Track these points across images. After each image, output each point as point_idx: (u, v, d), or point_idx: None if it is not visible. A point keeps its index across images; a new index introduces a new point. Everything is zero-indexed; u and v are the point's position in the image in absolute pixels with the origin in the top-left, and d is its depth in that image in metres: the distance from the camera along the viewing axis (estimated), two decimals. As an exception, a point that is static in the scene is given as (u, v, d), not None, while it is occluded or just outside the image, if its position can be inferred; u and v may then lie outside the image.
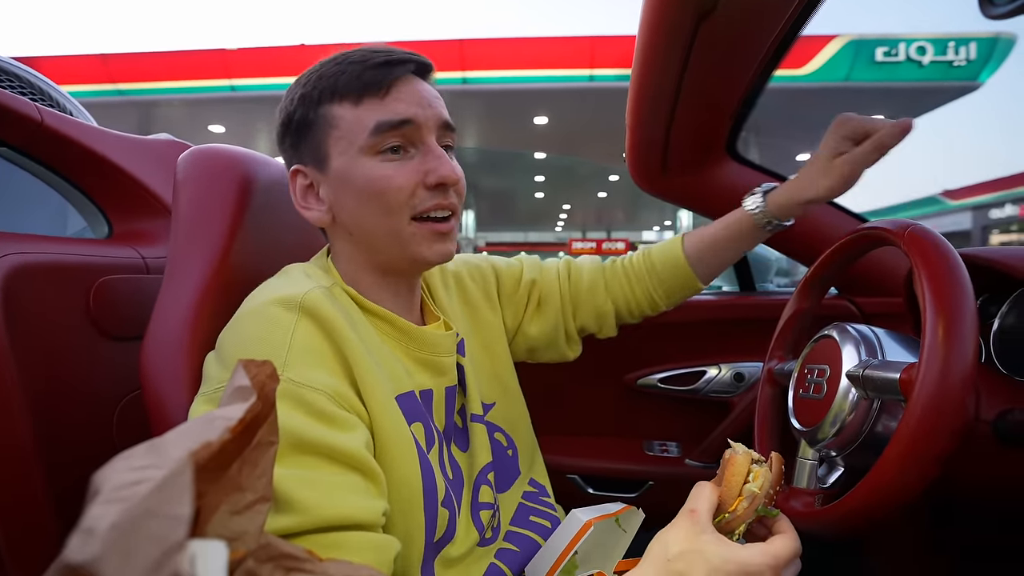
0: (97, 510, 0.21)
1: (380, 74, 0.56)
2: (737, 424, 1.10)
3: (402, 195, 0.57)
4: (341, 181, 0.58)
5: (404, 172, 0.57)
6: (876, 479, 0.52)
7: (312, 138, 0.59)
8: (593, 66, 8.93)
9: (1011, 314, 0.70)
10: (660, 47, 0.69)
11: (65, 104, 1.14)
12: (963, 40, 8.67)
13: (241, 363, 0.34)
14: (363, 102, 0.56)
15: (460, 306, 0.77)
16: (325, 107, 0.57)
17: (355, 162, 0.57)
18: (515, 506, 0.73)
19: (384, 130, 0.56)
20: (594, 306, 0.85)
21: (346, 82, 0.56)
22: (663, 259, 0.84)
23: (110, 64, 9.21)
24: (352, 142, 0.57)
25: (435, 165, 0.57)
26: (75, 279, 0.72)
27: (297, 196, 0.61)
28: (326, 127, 0.57)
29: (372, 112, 0.56)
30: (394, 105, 0.56)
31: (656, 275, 0.84)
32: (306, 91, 0.58)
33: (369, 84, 0.56)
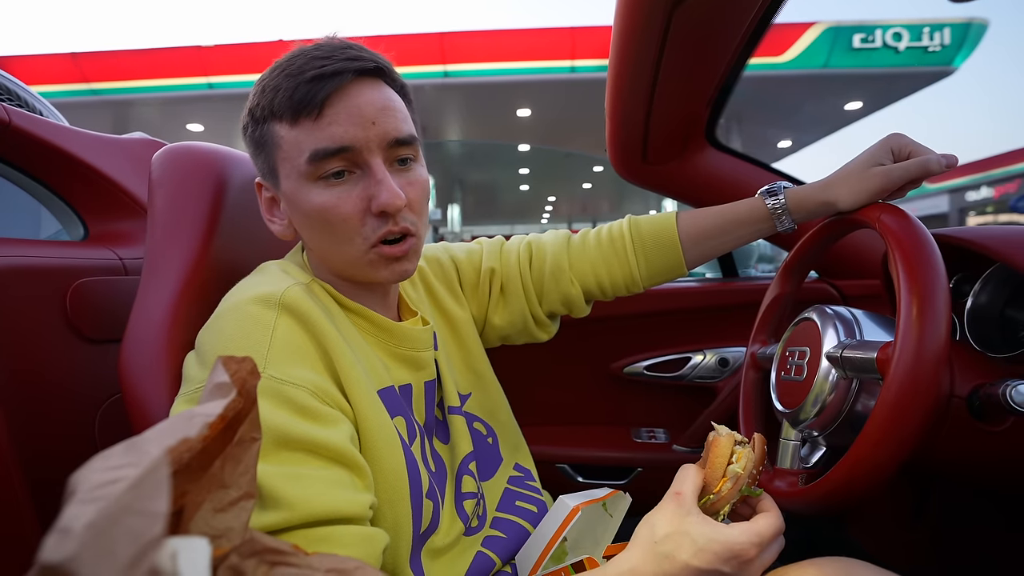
0: (73, 510, 0.21)
1: (312, 91, 0.51)
2: (722, 408, 1.11)
3: (350, 224, 0.54)
4: (291, 203, 0.57)
5: (349, 200, 0.53)
6: (856, 456, 0.53)
7: (265, 155, 0.57)
8: (574, 57, 8.91)
9: (983, 293, 0.72)
10: (635, 35, 0.69)
11: (34, 104, 1.11)
12: (937, 26, 8.79)
13: (221, 360, 0.34)
14: (298, 123, 0.52)
15: (428, 301, 0.76)
16: (268, 125, 0.54)
17: (299, 187, 0.54)
18: (500, 492, 0.74)
19: (321, 157, 0.52)
20: (559, 291, 0.80)
21: (281, 101, 0.52)
22: (654, 235, 0.78)
23: (82, 63, 8.99)
24: (294, 166, 0.53)
25: (376, 191, 0.53)
26: (51, 282, 0.71)
27: (263, 209, 0.61)
28: (272, 146, 0.55)
29: (308, 136, 0.52)
30: (330, 129, 0.52)
31: (644, 251, 0.78)
32: (252, 105, 0.55)
33: (301, 104, 0.51)
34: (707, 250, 0.78)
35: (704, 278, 1.40)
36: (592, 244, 0.80)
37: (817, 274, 1.17)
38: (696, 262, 0.80)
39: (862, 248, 1.06)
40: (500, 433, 0.78)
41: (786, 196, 0.72)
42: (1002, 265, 0.69)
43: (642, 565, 0.49)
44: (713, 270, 1.38)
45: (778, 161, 13.69)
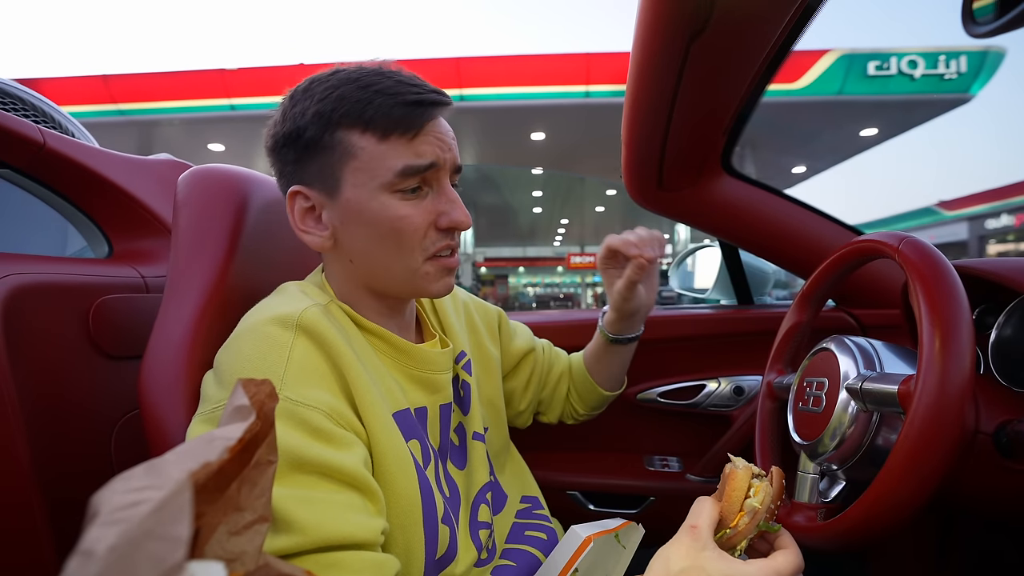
0: (95, 532, 0.21)
1: (413, 114, 0.54)
2: (737, 438, 1.09)
3: (417, 235, 0.57)
4: (353, 212, 0.56)
5: (420, 213, 0.57)
6: (877, 492, 0.51)
7: (322, 161, 0.56)
8: (589, 82, 9.03)
9: (1008, 325, 0.70)
10: (653, 65, 0.70)
11: (67, 125, 1.15)
12: (953, 54, 8.80)
13: (240, 382, 0.34)
14: (390, 139, 0.54)
15: (467, 330, 0.78)
16: (344, 133, 0.54)
17: (373, 197, 0.55)
18: (509, 526, 0.73)
19: (410, 174, 0.55)
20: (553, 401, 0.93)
21: (374, 114, 0.53)
22: (579, 365, 0.91)
23: (111, 85, 9.30)
24: (373, 177, 0.55)
25: (448, 209, 0.58)
26: (75, 299, 0.73)
27: (296, 218, 0.59)
28: (343, 154, 0.55)
29: (399, 152, 0.54)
30: (421, 148, 0.55)
31: (572, 380, 0.92)
32: (323, 109, 0.54)
33: (400, 123, 0.54)
34: (602, 370, 0.89)
35: (719, 305, 1.39)
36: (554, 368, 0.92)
37: (835, 303, 1.16)
38: (606, 383, 0.90)
39: (881, 277, 1.05)
40: (508, 468, 0.80)
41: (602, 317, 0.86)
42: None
43: (657, 600, 0.48)
44: (728, 297, 1.37)
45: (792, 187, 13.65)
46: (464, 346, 0.74)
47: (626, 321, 0.83)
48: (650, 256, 0.75)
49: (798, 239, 1.06)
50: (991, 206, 17.88)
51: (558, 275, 37.64)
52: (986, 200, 18.12)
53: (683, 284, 1.57)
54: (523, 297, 28.85)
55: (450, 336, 0.73)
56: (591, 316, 1.24)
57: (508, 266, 33.67)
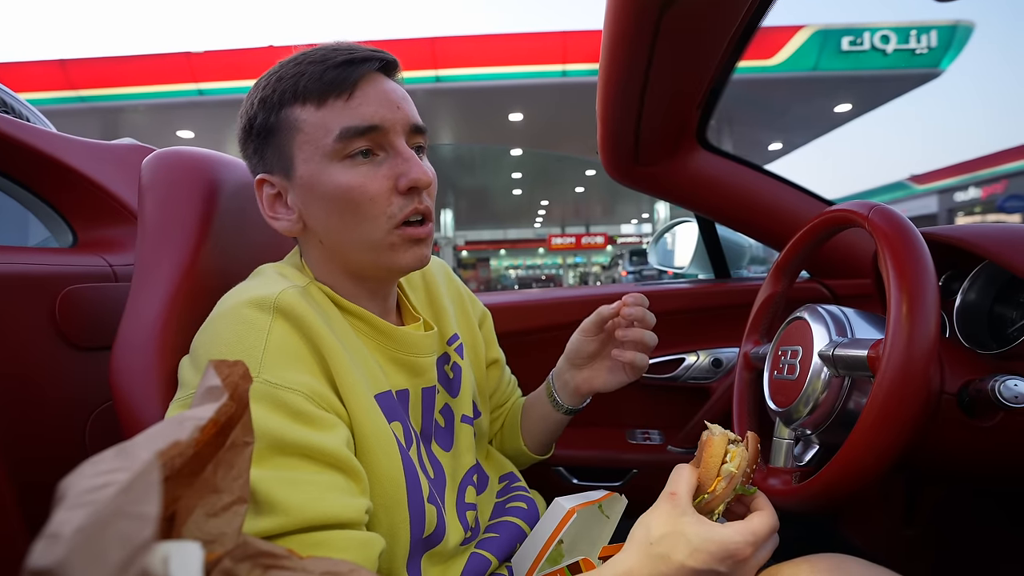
0: (62, 515, 0.20)
1: (343, 74, 0.53)
2: (716, 409, 1.11)
3: (377, 203, 0.55)
4: (309, 188, 0.55)
5: (376, 178, 0.55)
6: (848, 453, 0.53)
7: (275, 144, 0.56)
8: (566, 61, 8.96)
9: (972, 290, 0.72)
10: (625, 37, 0.70)
11: (21, 110, 1.10)
12: (924, 28, 8.91)
13: (212, 364, 0.33)
14: (326, 104, 0.53)
15: (460, 315, 0.78)
16: (287, 110, 0.54)
17: (322, 169, 0.54)
18: (491, 507, 0.74)
19: (351, 135, 0.53)
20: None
21: (307, 83, 0.53)
22: (517, 407, 0.86)
23: (69, 70, 8.95)
24: (317, 147, 0.54)
25: (405, 168, 0.55)
26: (39, 289, 0.70)
27: (264, 206, 0.59)
28: (289, 131, 0.55)
29: (337, 115, 0.53)
30: (360, 109, 0.54)
31: (505, 418, 0.87)
32: (266, 94, 0.55)
33: (332, 85, 0.53)
34: (531, 429, 0.84)
35: (696, 279, 1.41)
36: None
37: (809, 274, 1.18)
38: (532, 444, 0.84)
39: (853, 248, 1.07)
40: (487, 451, 0.81)
41: (553, 376, 0.81)
42: (990, 263, 0.69)
43: (638, 566, 0.49)
44: (706, 271, 1.39)
45: (769, 164, 13.79)
46: (457, 329, 0.74)
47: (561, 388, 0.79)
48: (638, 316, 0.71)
49: (772, 211, 1.08)
50: (960, 179, 18.29)
51: (539, 257, 37.70)
52: (955, 173, 18.52)
53: (662, 260, 1.58)
54: (505, 280, 28.87)
55: (442, 318, 0.72)
56: (573, 294, 1.25)
57: (489, 249, 33.61)
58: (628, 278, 15.47)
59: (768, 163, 13.71)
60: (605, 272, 25.20)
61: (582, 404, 0.81)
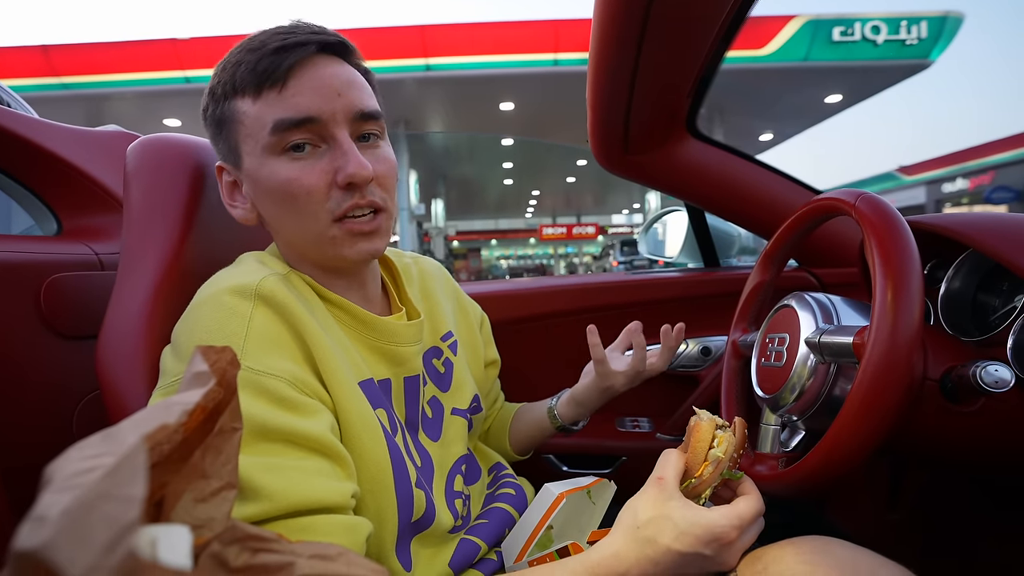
0: (48, 498, 0.20)
1: (276, 61, 0.51)
2: (705, 397, 1.12)
3: (315, 198, 0.53)
4: (254, 181, 0.55)
5: (313, 173, 0.53)
6: (833, 438, 0.54)
7: (225, 135, 0.56)
8: (557, 50, 8.91)
9: (956, 278, 0.73)
10: (614, 26, 0.69)
11: (2, 96, 1.08)
12: (914, 19, 8.94)
13: (199, 349, 0.33)
14: (261, 96, 0.52)
15: (456, 315, 0.79)
16: (230, 102, 0.53)
17: (262, 162, 0.53)
18: (482, 497, 0.75)
19: (284, 128, 0.51)
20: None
21: (243, 74, 0.52)
22: (506, 413, 0.89)
23: (52, 56, 8.77)
24: (256, 140, 0.53)
25: (343, 163, 0.52)
26: (24, 278, 0.70)
27: (225, 194, 0.59)
28: (234, 123, 0.54)
29: (271, 108, 0.51)
30: (294, 100, 0.51)
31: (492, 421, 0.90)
32: (213, 85, 0.55)
33: (265, 75, 0.51)
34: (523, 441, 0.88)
35: (686, 268, 1.42)
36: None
37: (797, 263, 1.19)
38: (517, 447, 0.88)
39: (840, 237, 1.08)
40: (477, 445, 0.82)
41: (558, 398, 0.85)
42: (974, 251, 0.70)
43: (625, 549, 0.49)
44: (695, 260, 1.39)
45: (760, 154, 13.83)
46: (452, 326, 0.75)
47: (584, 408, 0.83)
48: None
49: (761, 200, 1.08)
50: (947, 170, 18.46)
51: (530, 247, 37.68)
52: (943, 165, 18.68)
53: (652, 249, 1.59)
54: (496, 270, 28.85)
55: (436, 313, 0.73)
56: (563, 283, 1.25)
57: (480, 239, 33.55)
58: (619, 268, 15.51)
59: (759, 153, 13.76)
60: (596, 262, 25.26)
61: (578, 424, 0.86)
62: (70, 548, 0.18)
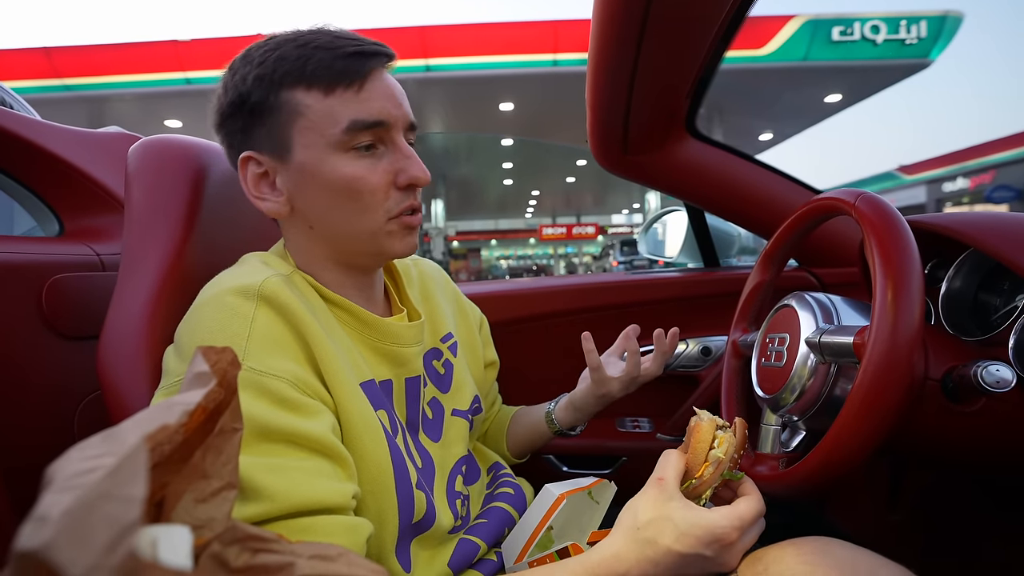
0: (50, 498, 0.20)
1: (354, 65, 0.53)
2: (705, 397, 1.12)
3: (376, 196, 0.56)
4: (307, 175, 0.55)
5: (376, 172, 0.55)
6: (833, 439, 0.54)
7: (270, 124, 0.54)
8: (556, 51, 8.90)
9: (957, 277, 0.73)
10: (613, 26, 0.70)
11: (4, 98, 1.08)
12: (914, 19, 8.93)
13: (200, 350, 0.33)
14: (334, 93, 0.53)
15: (456, 316, 0.80)
16: (288, 92, 0.53)
17: (325, 157, 0.54)
18: (482, 498, 0.75)
19: (358, 128, 0.54)
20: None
21: (315, 69, 0.53)
22: (503, 416, 0.90)
23: (54, 58, 8.78)
24: (322, 135, 0.53)
25: (406, 166, 0.56)
26: (25, 278, 0.70)
27: (249, 185, 0.57)
28: (290, 114, 0.54)
29: (345, 107, 0.53)
30: (369, 103, 0.54)
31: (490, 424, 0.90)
32: (264, 72, 0.54)
33: (342, 74, 0.53)
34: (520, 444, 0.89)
35: (686, 268, 1.42)
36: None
37: (797, 263, 1.19)
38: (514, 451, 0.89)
39: (840, 237, 1.08)
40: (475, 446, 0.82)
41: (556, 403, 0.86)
42: (975, 251, 0.70)
43: (625, 550, 0.49)
44: (695, 260, 1.39)
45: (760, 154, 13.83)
46: (451, 328, 0.75)
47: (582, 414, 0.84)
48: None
49: (761, 200, 1.08)
50: (948, 170, 18.44)
51: (530, 247, 37.67)
52: (943, 164, 18.66)
53: (651, 249, 1.59)
54: (496, 270, 28.85)
55: (436, 315, 0.73)
56: (563, 283, 1.25)
57: (480, 239, 33.54)
58: (619, 268, 15.50)
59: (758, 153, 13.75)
60: (596, 262, 25.24)
61: (576, 429, 0.87)
62: (71, 548, 0.18)
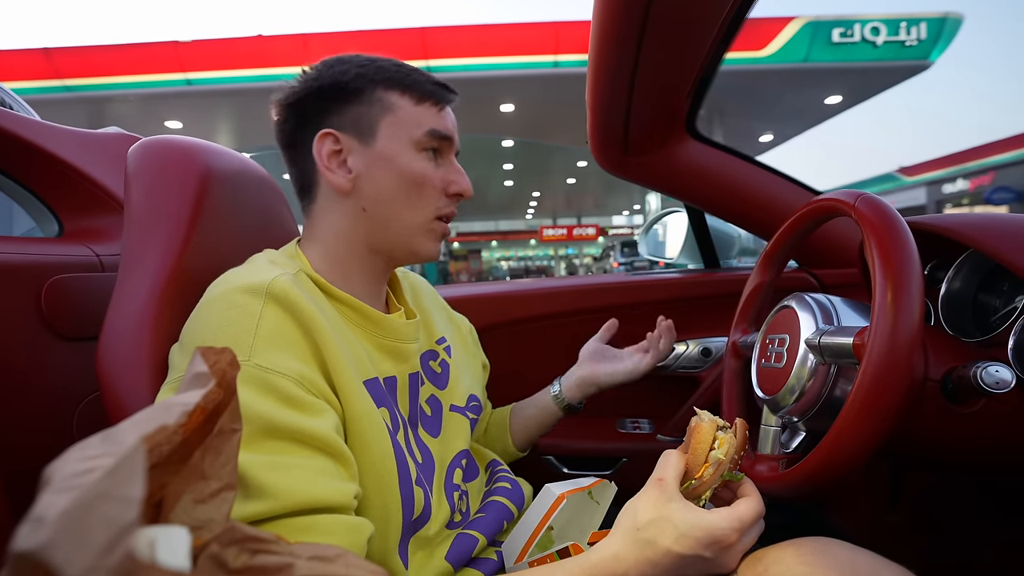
0: (47, 499, 0.20)
1: (442, 91, 0.65)
2: (705, 398, 1.12)
3: (432, 193, 0.64)
4: (385, 160, 0.62)
5: (437, 175, 0.64)
6: (833, 439, 0.54)
7: (361, 110, 0.62)
8: (557, 52, 8.90)
9: (956, 278, 0.73)
10: (614, 27, 0.70)
11: (3, 98, 1.08)
12: (914, 20, 8.93)
13: (199, 350, 0.33)
14: (422, 104, 0.63)
15: (448, 325, 0.83)
16: (384, 91, 0.62)
17: (403, 149, 0.62)
18: (480, 495, 0.75)
19: (435, 136, 0.63)
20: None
21: (413, 83, 0.63)
22: (501, 413, 0.94)
23: (54, 59, 8.78)
24: (406, 131, 0.62)
25: (458, 178, 0.66)
26: (25, 279, 0.70)
27: (323, 157, 0.62)
28: (382, 108, 0.62)
29: (429, 117, 0.63)
30: (444, 121, 0.65)
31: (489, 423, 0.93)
32: (365, 71, 0.62)
33: (432, 94, 0.63)
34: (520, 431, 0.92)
35: (686, 269, 1.42)
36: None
37: (797, 264, 1.19)
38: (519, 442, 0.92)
39: (840, 238, 1.08)
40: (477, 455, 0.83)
41: (560, 382, 0.91)
42: (975, 252, 0.70)
43: (624, 551, 0.49)
44: (695, 261, 1.39)
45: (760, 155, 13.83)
46: (444, 333, 0.79)
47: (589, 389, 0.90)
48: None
49: (761, 201, 1.08)
50: (948, 171, 18.44)
51: (531, 248, 37.68)
52: (943, 165, 18.66)
53: (652, 250, 1.59)
54: (497, 271, 28.86)
55: (428, 322, 0.76)
56: (563, 284, 1.25)
57: (481, 240, 33.56)
58: (619, 269, 15.50)
59: (759, 154, 13.74)
60: (597, 263, 25.26)
61: (581, 403, 0.91)
62: (68, 549, 0.18)
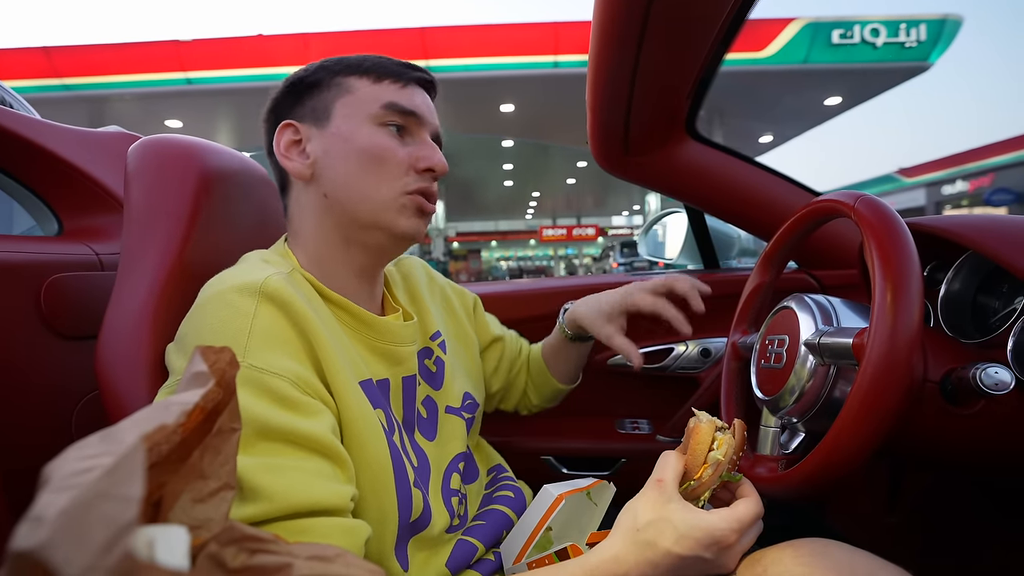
0: (46, 498, 0.20)
1: (405, 70, 0.63)
2: (705, 399, 1.12)
3: (398, 168, 0.61)
4: (340, 140, 0.60)
5: (402, 150, 0.61)
6: (832, 440, 0.54)
7: (318, 98, 0.62)
8: (557, 52, 8.91)
9: (956, 280, 0.73)
10: (614, 28, 0.70)
11: (4, 97, 1.08)
12: (913, 22, 8.95)
13: (199, 350, 0.33)
14: (382, 83, 0.62)
15: (444, 312, 0.81)
16: (343, 77, 0.62)
17: (360, 126, 0.60)
18: (480, 497, 0.75)
19: (394, 109, 0.61)
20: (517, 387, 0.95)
21: (371, 65, 0.62)
22: (536, 355, 0.95)
23: (54, 57, 8.78)
24: (363, 108, 0.61)
25: (428, 153, 0.63)
26: (24, 278, 0.70)
27: (280, 147, 0.62)
28: (338, 91, 0.61)
29: (388, 92, 0.61)
30: (408, 97, 0.62)
31: (529, 371, 0.95)
32: (327, 64, 0.63)
33: (392, 72, 0.62)
34: (559, 366, 0.93)
35: (686, 270, 1.42)
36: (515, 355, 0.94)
37: (797, 265, 1.19)
38: (563, 376, 0.94)
39: (840, 239, 1.08)
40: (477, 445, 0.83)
41: (563, 314, 0.90)
42: (974, 253, 0.70)
43: (624, 552, 0.49)
44: (695, 262, 1.39)
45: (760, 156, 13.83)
46: (440, 326, 0.76)
47: (575, 324, 0.88)
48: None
49: (761, 202, 1.08)
50: (947, 172, 18.45)
51: (531, 248, 37.69)
52: (943, 167, 18.68)
53: (652, 251, 1.59)
54: (496, 271, 28.86)
55: (423, 314, 0.74)
56: (563, 284, 1.25)
57: (481, 240, 33.57)
58: (619, 269, 15.51)
59: (759, 155, 13.75)
60: (596, 264, 25.26)
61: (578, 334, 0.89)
62: (67, 548, 0.18)
